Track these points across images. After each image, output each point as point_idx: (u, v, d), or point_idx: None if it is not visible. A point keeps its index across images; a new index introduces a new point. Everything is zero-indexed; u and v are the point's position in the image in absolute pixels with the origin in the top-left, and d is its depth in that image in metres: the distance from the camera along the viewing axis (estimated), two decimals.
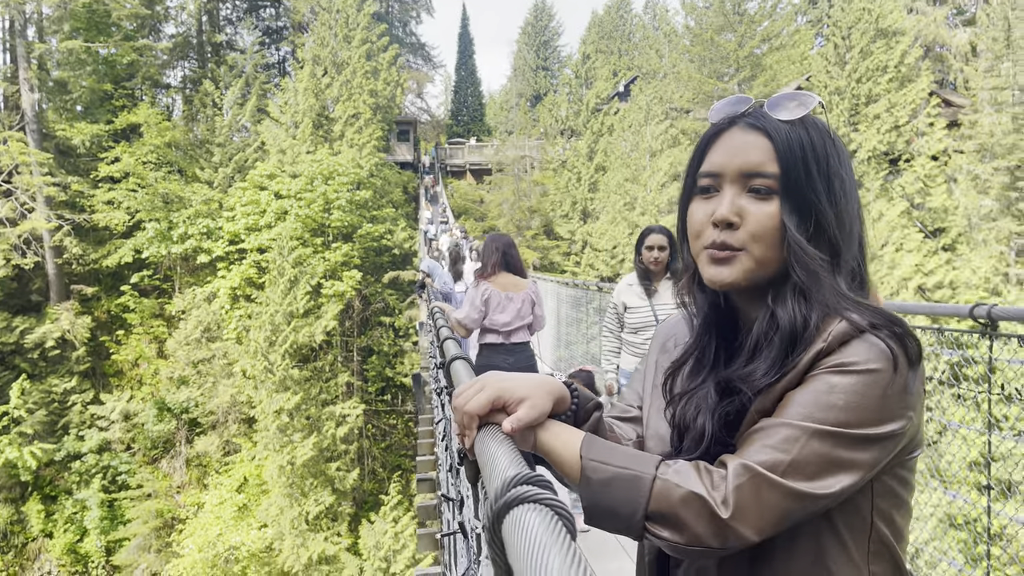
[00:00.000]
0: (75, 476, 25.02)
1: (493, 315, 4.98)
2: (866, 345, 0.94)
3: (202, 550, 21.76)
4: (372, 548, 20.40)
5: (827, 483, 0.90)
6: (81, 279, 28.27)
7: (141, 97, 32.85)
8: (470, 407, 1.00)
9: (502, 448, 0.87)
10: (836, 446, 0.91)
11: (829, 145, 1.06)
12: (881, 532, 0.99)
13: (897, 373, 0.93)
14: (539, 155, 38.45)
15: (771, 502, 0.89)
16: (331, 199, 26.92)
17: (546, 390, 1.04)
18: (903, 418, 0.94)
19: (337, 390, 25.13)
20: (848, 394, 0.92)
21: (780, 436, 0.92)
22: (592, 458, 0.95)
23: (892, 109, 27.29)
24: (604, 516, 0.94)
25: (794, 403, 0.95)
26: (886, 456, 0.94)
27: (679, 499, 0.89)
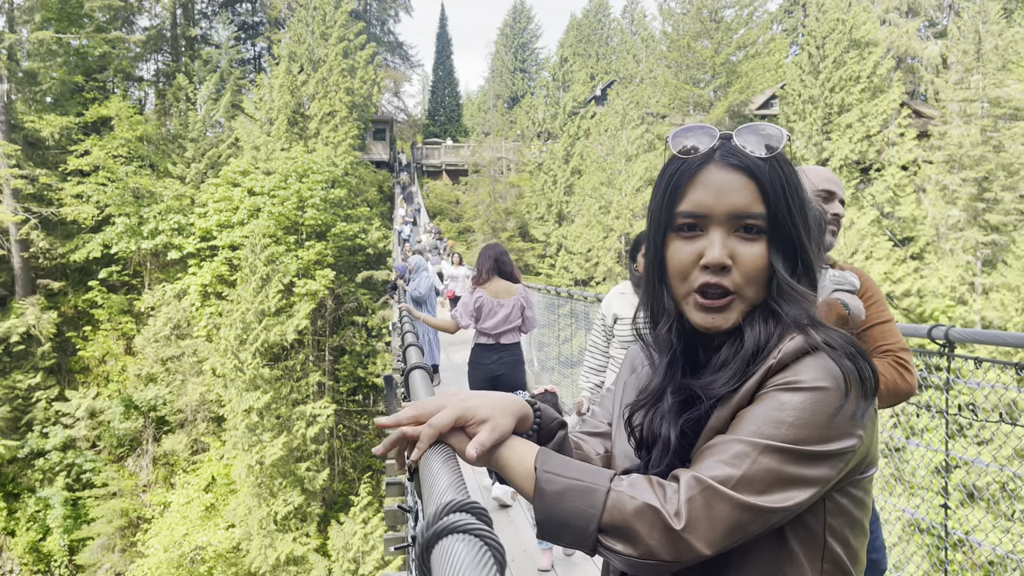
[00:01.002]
0: (38, 474, 24.61)
1: (484, 321, 5.45)
2: (816, 363, 0.95)
3: (168, 550, 21.52)
4: (341, 549, 20.28)
5: (777, 498, 0.91)
6: (48, 273, 27.82)
7: (113, 90, 32.38)
8: (436, 421, 0.99)
9: (444, 468, 0.86)
10: (785, 462, 0.91)
11: (798, 178, 1.07)
12: (834, 551, 0.99)
13: (847, 393, 0.94)
14: (515, 157, 38.49)
15: (722, 514, 0.89)
16: (305, 197, 26.73)
17: (508, 410, 1.03)
18: (852, 437, 0.94)
19: (308, 390, 24.94)
20: (797, 411, 0.93)
21: (732, 451, 0.93)
22: (547, 470, 0.95)
23: (864, 119, 27.67)
24: (557, 529, 0.93)
25: (746, 420, 0.95)
26: (836, 473, 0.95)
27: (633, 511, 0.89)
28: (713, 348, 1.09)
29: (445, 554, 0.62)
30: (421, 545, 0.67)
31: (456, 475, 0.85)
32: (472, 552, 0.60)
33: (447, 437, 1.00)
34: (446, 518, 0.68)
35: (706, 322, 1.04)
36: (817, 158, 29.19)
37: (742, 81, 31.13)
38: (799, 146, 30.08)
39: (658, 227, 1.09)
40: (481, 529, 0.66)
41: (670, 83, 32.26)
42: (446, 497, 0.72)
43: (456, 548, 0.62)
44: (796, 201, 1.05)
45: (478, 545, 0.62)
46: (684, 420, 1.04)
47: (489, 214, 35.11)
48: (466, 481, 0.86)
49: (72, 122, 28.68)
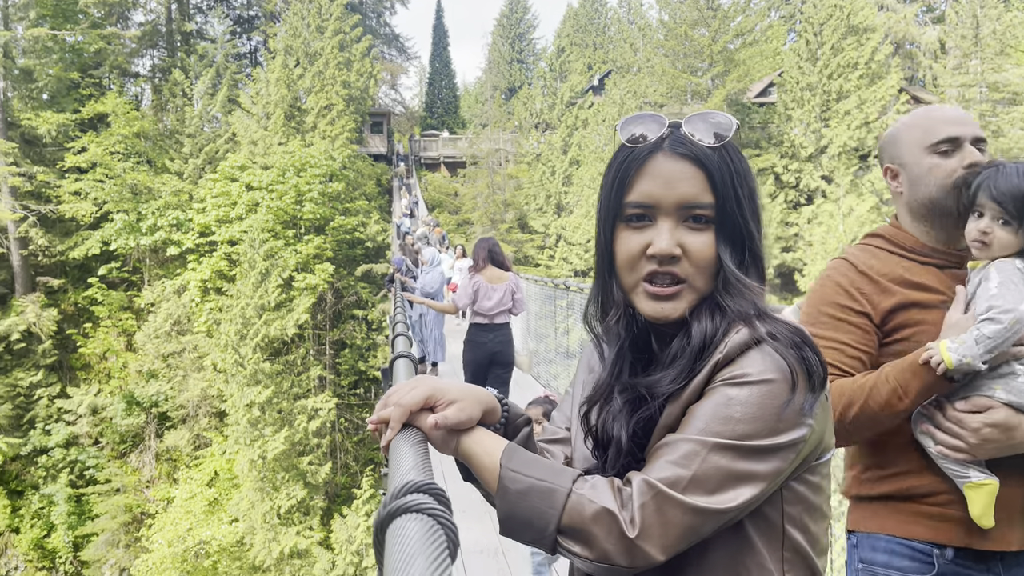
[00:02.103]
0: (42, 471, 24.72)
1: (480, 302, 6.24)
2: (761, 355, 0.95)
3: (172, 545, 21.64)
4: (344, 542, 20.36)
5: (728, 496, 0.91)
6: (47, 271, 27.85)
7: (109, 86, 32.34)
8: (404, 400, 1.00)
9: (411, 452, 0.87)
10: (736, 459, 0.91)
11: (746, 166, 1.06)
12: (794, 540, 0.99)
13: (794, 384, 0.93)
14: (513, 148, 38.43)
15: (674, 520, 0.89)
16: (303, 191, 26.71)
17: (477, 398, 1.04)
18: (802, 426, 0.94)
19: (309, 384, 25.00)
20: (745, 406, 0.92)
21: (681, 451, 0.92)
22: (511, 468, 0.95)
23: (862, 105, 27.61)
24: (518, 527, 0.94)
25: (695, 417, 0.95)
26: (788, 465, 0.95)
27: (591, 515, 0.90)
28: (663, 342, 1.09)
29: (398, 533, 0.62)
30: (376, 524, 0.67)
31: (421, 458, 0.85)
32: (424, 531, 0.61)
33: (416, 419, 1.00)
34: (403, 498, 0.69)
35: (655, 311, 1.03)
36: (816, 145, 29.15)
37: (740, 69, 31.04)
38: (797, 133, 30.04)
39: (607, 217, 1.08)
40: (435, 509, 0.66)
41: (668, 72, 32.17)
42: (406, 478, 0.73)
43: (408, 527, 0.62)
44: (745, 191, 1.04)
45: (430, 524, 0.63)
46: (635, 421, 1.03)
47: (488, 206, 35.10)
48: (432, 465, 0.87)
49: (69, 119, 28.65)
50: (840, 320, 1.73)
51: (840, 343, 1.71)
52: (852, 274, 1.77)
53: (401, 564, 0.54)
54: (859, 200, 26.44)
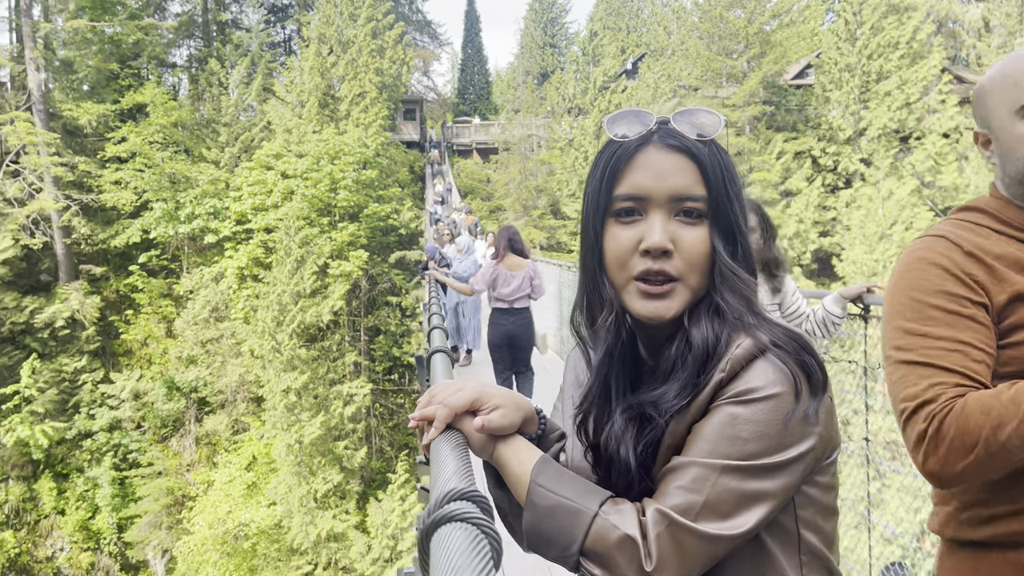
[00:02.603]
0: (86, 454, 25.31)
1: (500, 289, 6.64)
2: (764, 368, 0.93)
3: (212, 527, 22.04)
4: (380, 526, 20.59)
5: (743, 519, 0.89)
6: (90, 259, 28.43)
7: (147, 76, 32.82)
8: (452, 400, 1.00)
9: (452, 456, 0.88)
10: (747, 479, 0.90)
11: (733, 165, 1.04)
12: (810, 543, 0.98)
13: (799, 393, 0.92)
14: (546, 134, 38.27)
15: (690, 550, 0.88)
16: (337, 179, 26.91)
17: (518, 405, 1.04)
18: (811, 436, 0.93)
19: (344, 369, 25.26)
20: (752, 424, 0.90)
21: (691, 476, 0.91)
22: (540, 483, 0.95)
23: (903, 86, 27.01)
24: (542, 543, 0.94)
25: (701, 439, 0.93)
26: (799, 478, 0.93)
27: (615, 541, 0.89)
28: (652, 349, 1.07)
29: (443, 542, 0.63)
30: (421, 532, 0.68)
31: (463, 462, 0.86)
32: (468, 541, 0.61)
33: (460, 421, 1.01)
34: (447, 506, 0.70)
35: (648, 311, 0.99)
36: (854, 127, 28.60)
37: (776, 51, 30.51)
38: (835, 115, 29.48)
39: (595, 213, 1.04)
40: (479, 518, 0.67)
41: (702, 55, 31.72)
42: (449, 485, 0.74)
43: (453, 536, 0.63)
44: (734, 187, 1.01)
45: (475, 534, 0.63)
46: (642, 444, 1.00)
47: (520, 192, 35.03)
48: (474, 469, 0.88)
49: (108, 109, 29.17)
50: (955, 314, 1.34)
51: (961, 343, 1.32)
52: (957, 256, 1.38)
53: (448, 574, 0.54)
54: (899, 183, 25.91)
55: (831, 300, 3.59)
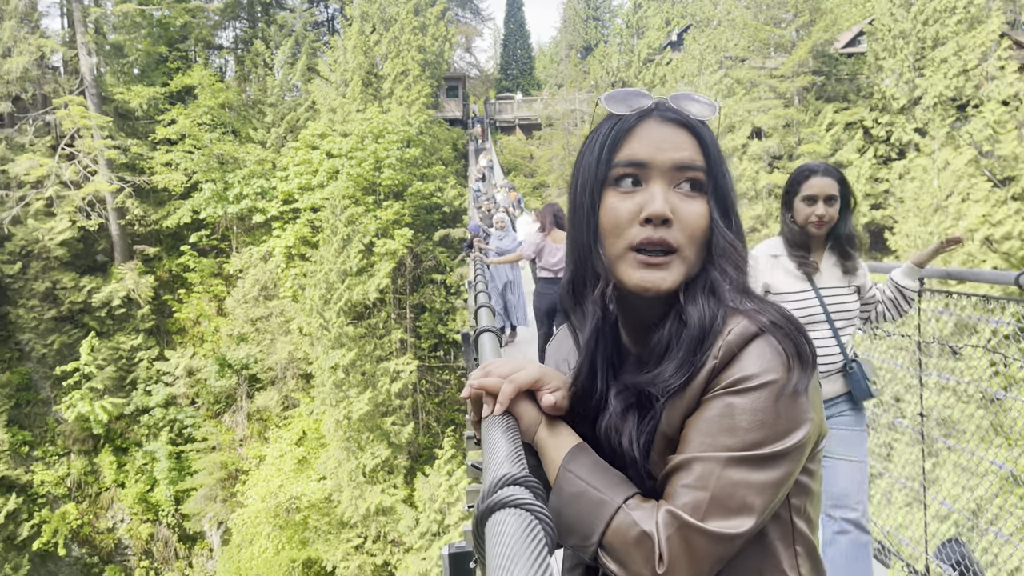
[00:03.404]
0: (144, 429, 26.09)
1: (546, 259, 7.29)
2: (757, 353, 0.91)
3: (264, 500, 22.58)
4: (427, 500, 20.88)
5: (749, 514, 0.88)
6: (143, 239, 29.12)
7: (195, 59, 33.29)
8: (519, 378, 1.01)
9: (504, 440, 0.88)
10: (751, 470, 0.88)
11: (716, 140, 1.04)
12: (800, 530, 0.97)
13: (793, 376, 0.90)
14: (589, 108, 37.89)
15: (701, 550, 0.87)
16: (381, 157, 27.05)
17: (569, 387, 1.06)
18: (807, 421, 0.91)
19: (391, 346, 25.55)
20: (750, 413, 0.89)
21: (695, 473, 0.89)
22: (570, 469, 0.95)
23: (960, 52, 26.11)
24: (563, 529, 0.94)
25: (699, 432, 0.91)
26: (799, 464, 0.92)
27: (633, 538, 0.88)
28: (641, 330, 1.05)
29: (497, 527, 0.63)
30: (476, 517, 0.69)
31: (515, 446, 0.86)
32: (522, 526, 0.61)
33: (516, 404, 1.02)
34: (500, 491, 0.70)
35: (644, 282, 0.97)
36: (908, 96, 27.77)
37: (827, 18, 29.69)
38: (889, 84, 28.64)
39: (593, 182, 1.02)
40: (533, 504, 0.67)
41: (749, 24, 31.02)
42: (502, 470, 0.74)
43: (507, 522, 0.63)
44: (727, 166, 1.02)
45: (529, 520, 0.63)
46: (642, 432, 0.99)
47: (563, 168, 34.82)
48: (524, 453, 0.88)
49: (158, 92, 29.72)
50: None
51: None
52: None
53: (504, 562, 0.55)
54: (956, 153, 25.14)
55: (902, 272, 3.35)
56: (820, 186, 2.94)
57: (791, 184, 3.03)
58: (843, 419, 3.06)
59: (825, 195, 2.94)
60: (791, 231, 3.04)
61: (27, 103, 28.66)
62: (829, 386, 3.05)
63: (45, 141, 28.18)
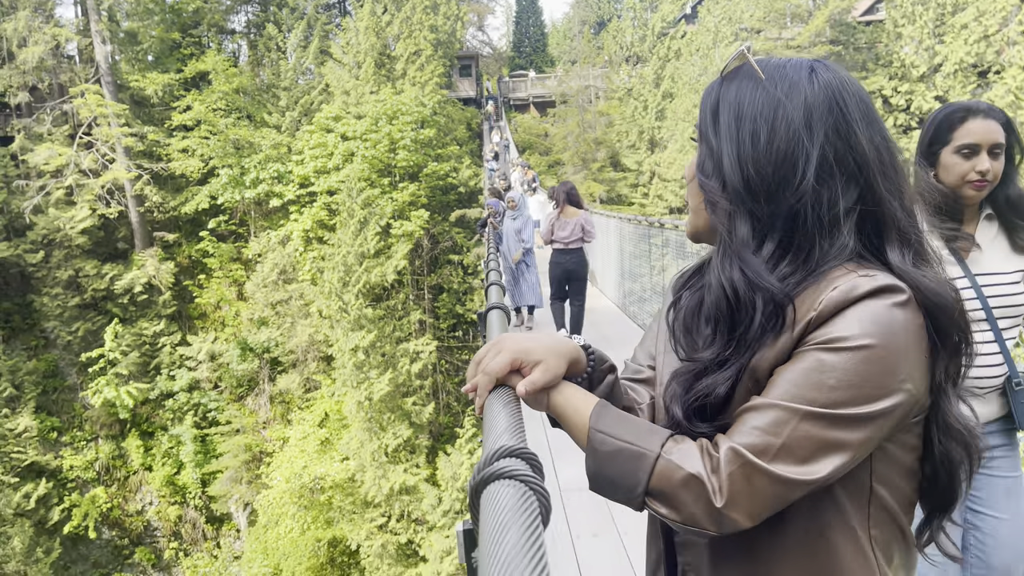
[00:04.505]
0: (169, 413, 26.43)
1: (558, 233, 8.15)
2: (859, 316, 0.90)
3: (289, 481, 22.82)
4: (449, 479, 21.03)
5: (818, 467, 0.88)
6: (162, 226, 29.33)
7: (208, 44, 33.31)
8: (491, 367, 1.03)
9: (504, 413, 0.90)
10: (827, 427, 0.88)
11: (748, 92, 1.03)
12: (882, 497, 0.97)
13: (892, 344, 0.89)
14: (604, 84, 37.58)
15: (762, 490, 0.88)
16: (396, 139, 27.01)
17: (561, 353, 1.06)
18: (900, 392, 0.90)
19: (410, 327, 25.64)
20: (839, 372, 0.89)
21: (770, 418, 0.90)
22: (600, 429, 0.97)
23: (981, 18, 25.59)
24: (606, 486, 0.96)
25: (784, 380, 0.92)
26: (882, 433, 0.92)
27: (680, 480, 0.90)
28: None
29: (492, 498, 0.65)
30: (472, 488, 0.70)
31: (514, 419, 0.88)
32: (517, 497, 0.63)
33: (507, 380, 1.04)
34: (497, 463, 0.72)
35: None
36: (928, 64, 27.29)
37: None
38: (908, 52, 28.16)
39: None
40: (528, 476, 0.69)
41: None
42: (499, 442, 0.76)
43: (502, 493, 0.65)
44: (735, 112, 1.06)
45: (523, 491, 0.65)
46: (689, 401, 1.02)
47: (578, 145, 34.59)
48: (524, 424, 0.90)
49: (173, 79, 29.79)
50: None
51: None
52: None
53: (497, 531, 0.56)
54: None
55: None
56: (983, 131, 2.15)
57: (938, 130, 2.21)
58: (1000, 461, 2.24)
59: (990, 144, 2.16)
60: (936, 194, 2.19)
61: (44, 93, 28.85)
62: (981, 407, 2.22)
63: (63, 130, 28.39)
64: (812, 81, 1.01)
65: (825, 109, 0.99)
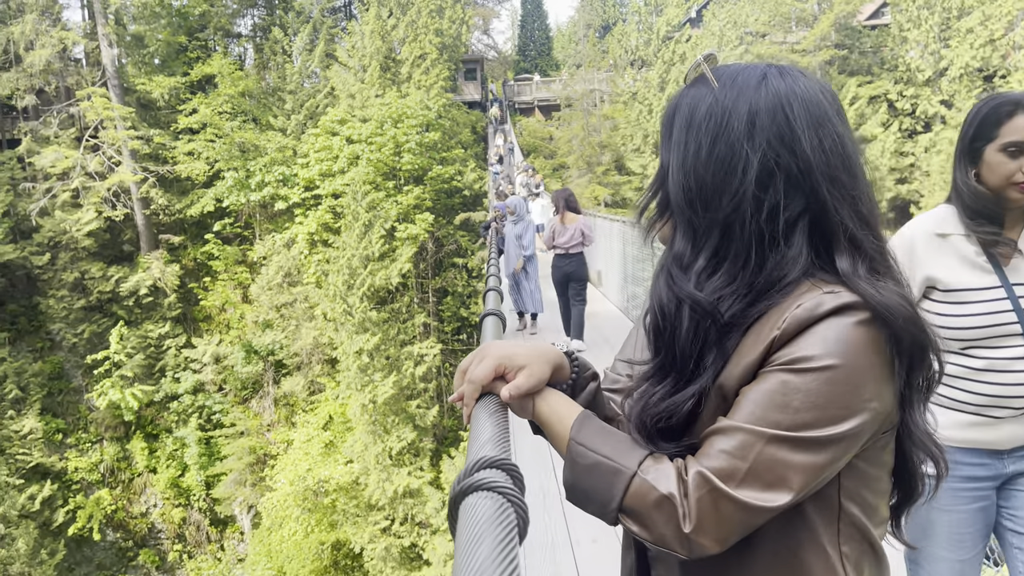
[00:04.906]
0: (173, 416, 26.45)
1: (559, 239, 8.54)
2: (823, 336, 0.89)
3: (293, 484, 22.83)
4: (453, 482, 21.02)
5: (783, 491, 0.88)
6: (168, 229, 29.39)
7: (214, 48, 33.41)
8: (474, 375, 1.03)
9: (490, 422, 0.90)
10: (793, 450, 0.87)
11: (702, 100, 1.01)
12: (851, 513, 0.96)
13: (856, 363, 0.88)
14: (608, 88, 37.57)
15: (729, 516, 0.88)
16: (401, 142, 27.04)
17: (545, 359, 1.06)
18: (865, 411, 0.89)
19: (414, 331, 25.65)
20: (803, 394, 0.88)
21: (736, 441, 0.89)
22: (579, 441, 0.97)
23: (986, 22, 25.53)
24: (581, 498, 0.97)
25: (749, 402, 0.91)
26: (848, 453, 0.91)
27: (653, 501, 0.90)
28: None
29: (470, 509, 0.65)
30: (451, 498, 0.71)
31: (500, 429, 0.88)
32: (494, 510, 0.63)
33: (492, 388, 1.04)
34: (477, 474, 0.72)
35: None
36: (934, 68, 27.23)
37: None
38: (913, 56, 28.10)
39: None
40: (507, 488, 0.69)
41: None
42: (481, 452, 0.76)
43: (480, 505, 0.65)
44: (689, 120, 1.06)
45: (501, 503, 0.65)
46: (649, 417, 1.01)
47: (583, 149, 34.57)
48: (509, 434, 0.90)
49: (179, 82, 29.87)
50: None
51: None
52: None
53: (470, 543, 0.56)
54: None
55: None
56: None
57: (983, 124, 2.00)
58: None
59: None
60: (976, 196, 1.99)
61: (51, 95, 28.97)
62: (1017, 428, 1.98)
63: (69, 133, 28.49)
64: (760, 88, 0.99)
65: (769, 117, 0.97)
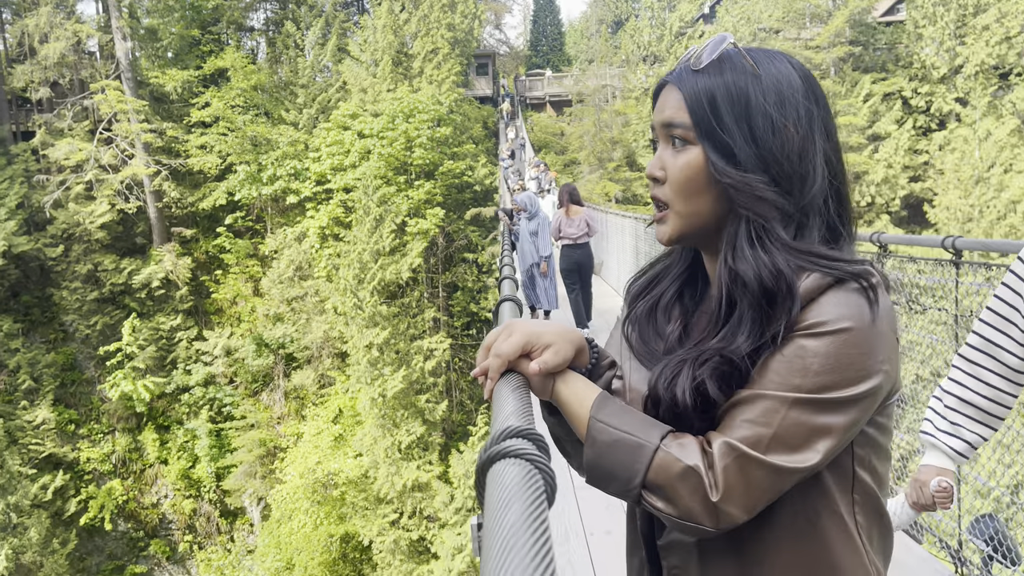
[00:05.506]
0: (185, 407, 26.63)
1: (565, 230, 9.07)
2: (835, 301, 0.92)
3: (302, 476, 22.95)
4: (462, 476, 21.08)
5: (810, 453, 0.90)
6: (180, 222, 29.55)
7: (227, 41, 33.52)
8: (501, 349, 1.02)
9: (513, 396, 0.90)
10: (816, 412, 0.90)
11: (750, 84, 1.01)
12: (863, 481, 0.98)
13: (869, 327, 0.91)
14: (620, 84, 37.50)
15: (757, 481, 0.89)
16: (412, 137, 27.06)
17: (569, 339, 1.06)
18: (879, 372, 0.92)
19: (424, 325, 25.69)
20: (822, 357, 0.90)
21: (760, 409, 0.91)
22: (600, 419, 0.97)
23: (1003, 19, 25.33)
24: (603, 478, 0.96)
25: (769, 371, 0.93)
26: (867, 414, 0.93)
27: (677, 473, 0.90)
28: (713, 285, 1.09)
29: (497, 476, 0.66)
30: (478, 467, 0.71)
31: (523, 402, 0.88)
32: (522, 476, 0.64)
33: (517, 365, 1.03)
34: (503, 443, 0.72)
35: (656, 235, 1.09)
36: (949, 65, 27.05)
37: None
38: (928, 53, 27.91)
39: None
40: (533, 454, 0.69)
41: None
42: (507, 423, 0.77)
43: (507, 471, 0.66)
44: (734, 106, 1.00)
45: (528, 469, 0.66)
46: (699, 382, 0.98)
47: (595, 144, 34.53)
48: (532, 410, 0.90)
49: (192, 75, 30.00)
50: None
51: None
52: None
53: (500, 507, 0.57)
54: (998, 123, 24.48)
55: None
56: None
57: None
58: None
59: None
60: None
61: (65, 88, 29.16)
62: None
63: (83, 126, 28.67)
64: (786, 62, 1.04)
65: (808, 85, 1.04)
